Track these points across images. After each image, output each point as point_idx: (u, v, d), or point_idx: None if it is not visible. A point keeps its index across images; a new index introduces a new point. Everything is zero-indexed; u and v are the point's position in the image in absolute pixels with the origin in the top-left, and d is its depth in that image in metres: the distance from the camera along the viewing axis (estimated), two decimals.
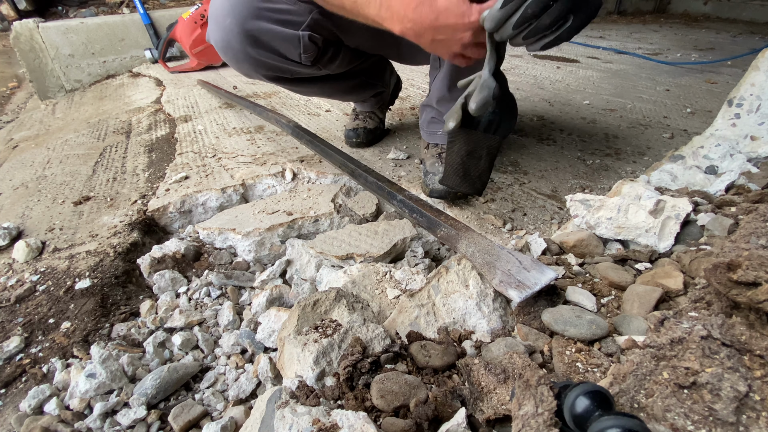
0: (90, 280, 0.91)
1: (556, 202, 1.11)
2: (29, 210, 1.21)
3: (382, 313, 0.77)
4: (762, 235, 0.66)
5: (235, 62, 1.06)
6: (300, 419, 0.50)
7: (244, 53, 1.01)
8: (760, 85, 1.03)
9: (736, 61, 2.58)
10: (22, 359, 0.77)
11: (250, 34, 0.97)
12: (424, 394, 0.54)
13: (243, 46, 0.99)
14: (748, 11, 4.52)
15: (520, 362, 0.52)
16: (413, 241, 0.99)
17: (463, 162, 0.88)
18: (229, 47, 1.01)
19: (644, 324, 0.61)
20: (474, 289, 0.70)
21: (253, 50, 1.00)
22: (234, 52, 1.01)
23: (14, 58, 3.41)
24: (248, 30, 0.96)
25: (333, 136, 1.57)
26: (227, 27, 0.97)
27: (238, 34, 0.97)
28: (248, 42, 0.98)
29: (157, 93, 2.39)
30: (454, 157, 0.89)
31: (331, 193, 1.18)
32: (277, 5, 0.98)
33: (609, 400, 0.44)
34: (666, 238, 0.78)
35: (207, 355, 0.80)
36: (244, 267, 1.02)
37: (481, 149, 0.87)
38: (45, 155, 1.65)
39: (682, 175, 1.00)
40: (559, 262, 0.80)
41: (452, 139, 0.88)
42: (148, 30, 2.94)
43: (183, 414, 0.67)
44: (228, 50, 1.02)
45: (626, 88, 2.11)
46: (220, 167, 1.36)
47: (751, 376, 0.45)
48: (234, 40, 0.98)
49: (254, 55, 1.01)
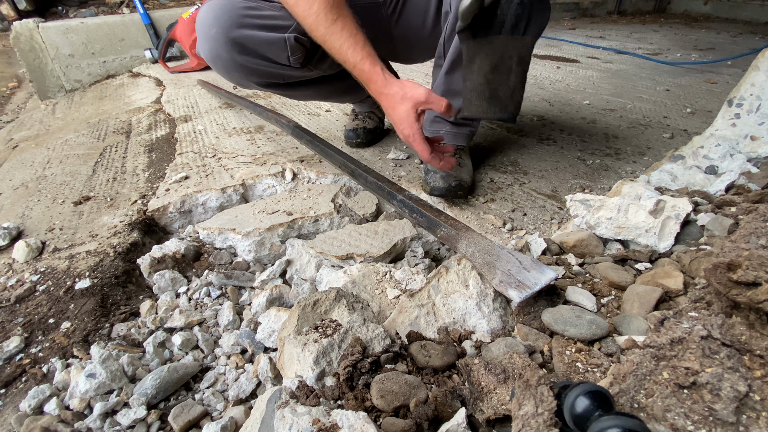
0: (90, 280, 0.91)
1: (556, 202, 1.11)
2: (29, 210, 1.21)
3: (382, 313, 0.77)
4: (762, 235, 0.66)
5: (225, 72, 1.06)
6: (300, 419, 0.50)
7: (232, 61, 1.00)
8: (760, 85, 1.03)
9: (736, 61, 2.58)
10: (22, 359, 0.77)
11: (236, 41, 0.96)
12: (424, 394, 0.54)
13: (230, 54, 0.99)
14: (748, 11, 4.52)
15: (520, 362, 0.52)
16: (413, 241, 0.99)
17: (488, 81, 0.72)
18: (217, 57, 1.01)
19: (644, 324, 0.61)
20: (474, 289, 0.70)
21: (240, 57, 1.00)
22: (223, 62, 1.01)
23: (14, 58, 3.41)
24: (234, 38, 0.96)
25: (333, 136, 1.57)
26: (213, 37, 0.97)
27: (224, 43, 0.97)
28: (235, 50, 0.98)
29: (157, 93, 2.39)
30: (476, 76, 0.71)
31: (331, 193, 1.18)
32: (263, 12, 0.98)
33: (609, 400, 0.44)
34: (666, 238, 0.78)
35: (207, 355, 0.80)
36: (244, 267, 1.02)
37: (510, 59, 0.68)
38: (45, 155, 1.65)
39: (682, 175, 1.00)
40: (559, 262, 0.80)
41: (471, 55, 0.70)
42: (148, 30, 2.94)
43: (183, 414, 0.67)
44: (217, 60, 1.02)
45: (626, 88, 2.11)
46: (220, 167, 1.36)
47: (751, 376, 0.45)
48: (221, 50, 0.98)
49: (243, 63, 1.01)
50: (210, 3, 0.98)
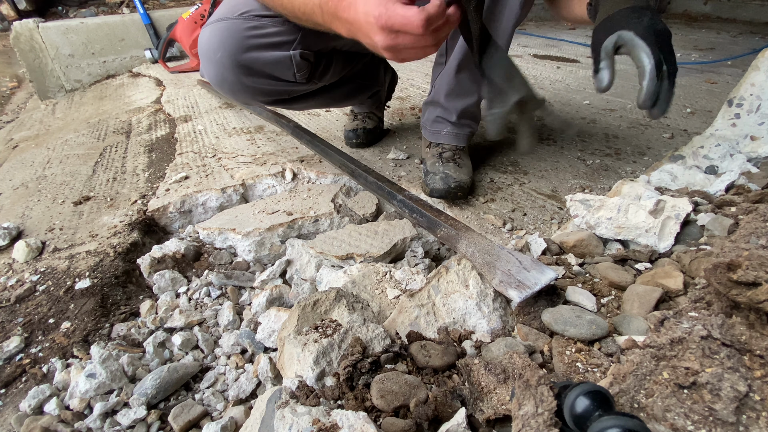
0: (90, 280, 0.91)
1: (556, 202, 1.11)
2: (29, 210, 1.22)
3: (382, 313, 0.77)
4: (762, 235, 0.66)
5: (231, 94, 1.06)
6: (300, 419, 0.50)
7: (239, 84, 1.00)
8: (760, 85, 1.03)
9: (736, 61, 2.58)
10: (22, 359, 0.77)
11: (243, 65, 0.96)
12: (424, 394, 0.54)
13: (237, 77, 0.99)
14: (748, 11, 4.52)
15: (520, 362, 0.52)
16: (413, 241, 0.99)
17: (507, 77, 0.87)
18: (224, 81, 1.00)
19: (644, 324, 0.61)
20: (474, 289, 0.70)
21: (247, 79, 1.00)
22: (229, 85, 1.01)
23: (14, 58, 3.41)
24: (240, 61, 0.96)
25: (333, 136, 1.57)
26: (219, 61, 0.96)
27: (231, 67, 0.97)
28: (242, 72, 0.98)
29: (157, 93, 2.39)
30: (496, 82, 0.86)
31: (331, 193, 1.18)
32: (266, 30, 0.97)
33: (609, 400, 0.44)
34: (666, 238, 0.78)
35: (207, 355, 0.80)
36: (244, 267, 1.02)
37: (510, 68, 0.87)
38: (45, 155, 1.65)
39: (682, 175, 1.00)
40: (559, 262, 0.80)
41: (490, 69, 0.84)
42: (148, 30, 2.94)
43: (183, 414, 0.67)
44: (224, 84, 1.01)
45: (626, 88, 2.11)
46: (220, 167, 1.36)
47: (751, 376, 0.45)
48: (228, 73, 0.98)
49: (250, 84, 1.01)
50: (213, 26, 0.97)
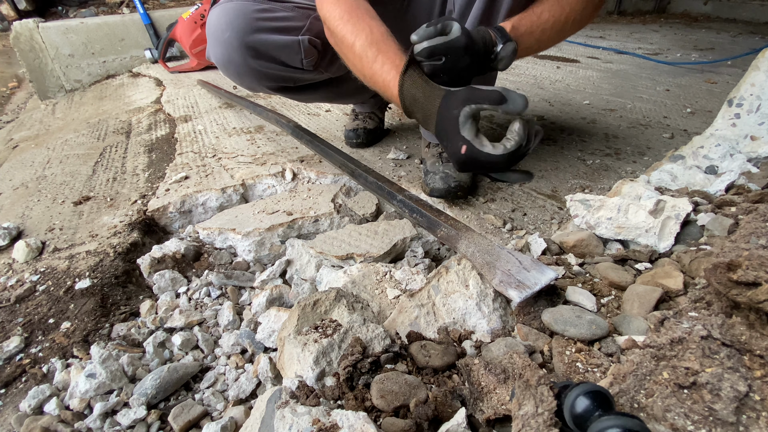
0: (90, 280, 0.91)
1: (556, 202, 1.11)
2: (29, 210, 1.21)
3: (382, 313, 0.77)
4: (762, 235, 0.66)
5: (237, 76, 1.04)
6: (300, 419, 0.50)
7: (246, 66, 0.99)
8: (760, 85, 1.03)
9: (736, 61, 2.58)
10: (22, 359, 0.77)
11: (250, 46, 0.95)
12: (424, 394, 0.54)
13: (244, 59, 0.97)
14: (748, 11, 4.52)
15: (520, 362, 0.52)
16: (413, 241, 0.99)
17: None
18: (230, 62, 0.99)
19: (644, 324, 0.61)
20: (474, 289, 0.70)
21: (254, 62, 0.98)
22: (236, 66, 1.00)
23: (14, 58, 3.41)
24: (248, 42, 0.95)
25: (333, 136, 1.57)
26: (227, 41, 0.95)
27: (238, 48, 0.95)
28: (249, 54, 0.97)
29: (157, 93, 2.39)
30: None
31: (331, 193, 1.18)
32: (276, 14, 0.97)
33: (609, 400, 0.44)
34: (666, 238, 0.78)
35: (207, 355, 0.80)
36: (244, 267, 1.02)
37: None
38: (45, 155, 1.65)
39: (682, 175, 1.00)
40: (559, 262, 0.80)
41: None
42: (148, 30, 2.94)
43: (183, 414, 0.67)
44: (230, 65, 1.00)
45: (626, 88, 2.11)
46: (220, 167, 1.36)
47: (751, 376, 0.45)
48: (235, 54, 0.97)
49: (256, 67, 1.00)
50: (222, 6, 0.96)
